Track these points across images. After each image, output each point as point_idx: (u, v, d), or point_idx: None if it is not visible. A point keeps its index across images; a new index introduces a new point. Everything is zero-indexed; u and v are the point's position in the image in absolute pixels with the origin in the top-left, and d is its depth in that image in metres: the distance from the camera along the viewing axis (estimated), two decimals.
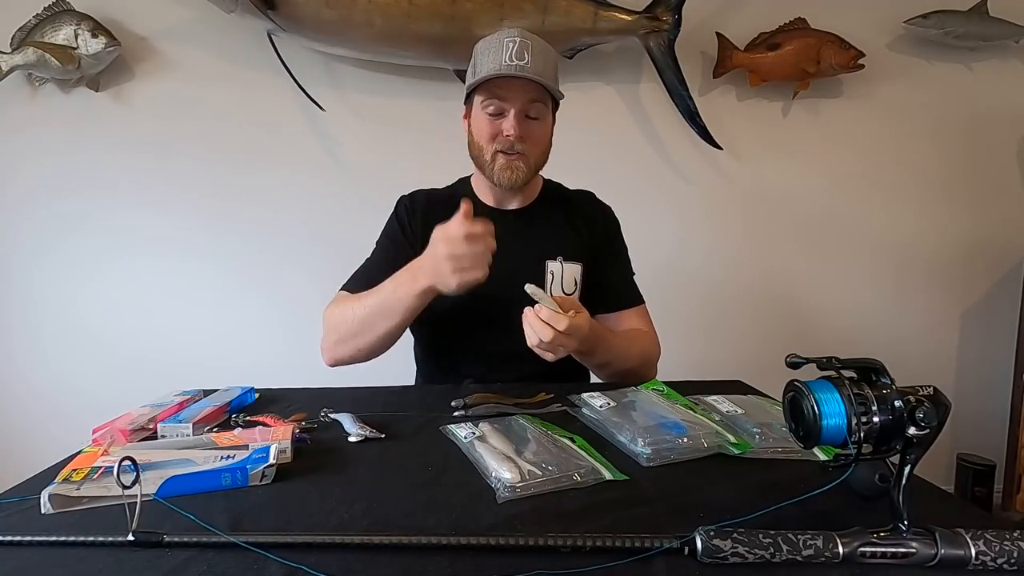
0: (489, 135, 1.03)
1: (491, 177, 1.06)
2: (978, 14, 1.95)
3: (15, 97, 1.82)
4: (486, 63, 1.00)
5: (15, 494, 0.60)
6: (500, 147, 1.02)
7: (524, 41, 0.98)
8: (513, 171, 1.03)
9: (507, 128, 1.01)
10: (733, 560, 0.45)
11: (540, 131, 1.05)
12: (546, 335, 0.83)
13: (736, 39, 1.91)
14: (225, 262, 1.92)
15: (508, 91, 1.00)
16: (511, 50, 0.97)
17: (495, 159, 1.03)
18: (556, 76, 1.04)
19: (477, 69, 1.02)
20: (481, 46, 1.03)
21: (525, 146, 1.03)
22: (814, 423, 0.47)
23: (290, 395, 0.94)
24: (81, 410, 1.19)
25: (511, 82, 0.99)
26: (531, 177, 1.07)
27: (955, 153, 2.07)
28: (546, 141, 1.08)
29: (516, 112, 1.00)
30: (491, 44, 1.01)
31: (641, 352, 1.07)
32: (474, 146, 1.07)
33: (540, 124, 1.04)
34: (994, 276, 2.13)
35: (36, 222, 1.88)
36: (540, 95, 1.01)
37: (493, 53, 0.99)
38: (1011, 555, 0.45)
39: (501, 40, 0.99)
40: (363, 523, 0.53)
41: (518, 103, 1.00)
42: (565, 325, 0.83)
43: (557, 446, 0.68)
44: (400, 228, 1.11)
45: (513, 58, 0.97)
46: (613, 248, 1.17)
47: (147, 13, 1.82)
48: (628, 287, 1.16)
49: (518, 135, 1.01)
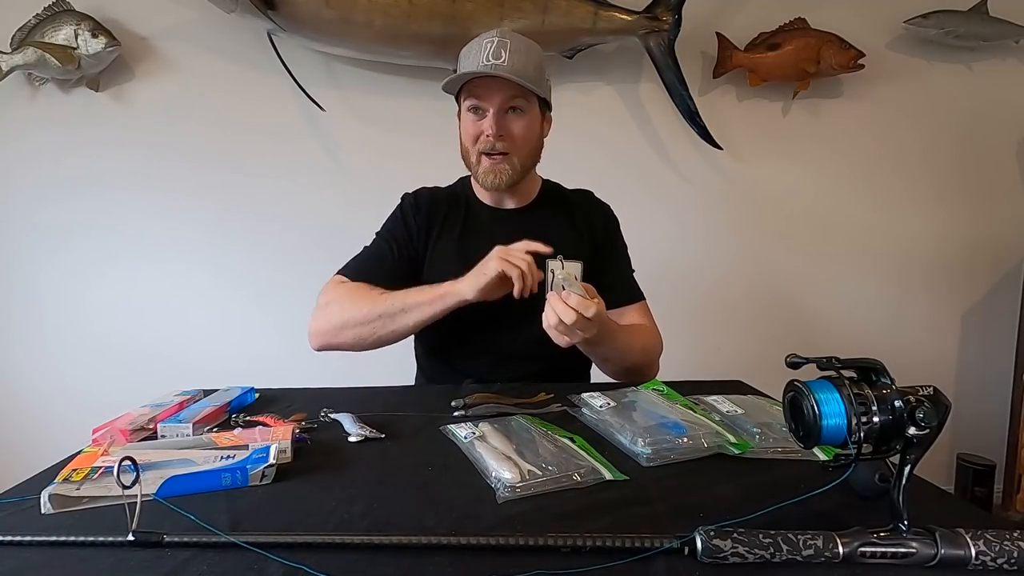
0: (472, 136, 1.04)
1: (477, 179, 1.08)
2: (978, 14, 1.95)
3: (15, 97, 1.82)
4: (465, 64, 1.02)
5: (15, 494, 0.60)
6: (482, 148, 1.04)
7: (502, 40, 0.99)
8: (496, 174, 1.04)
9: (486, 128, 1.02)
10: (733, 560, 0.45)
11: (522, 128, 1.04)
12: (569, 317, 0.83)
13: (736, 39, 1.91)
14: (225, 262, 1.92)
15: (485, 91, 1.01)
16: (488, 50, 0.99)
17: (480, 161, 1.05)
18: (539, 73, 1.04)
19: (458, 70, 1.04)
20: (463, 50, 1.05)
21: (507, 144, 1.03)
22: (814, 423, 0.47)
23: (290, 395, 0.94)
24: (81, 410, 1.19)
25: (488, 81, 1.00)
26: (518, 178, 1.07)
27: (955, 153, 2.07)
28: (532, 138, 1.07)
29: (495, 112, 1.01)
30: (471, 47, 1.02)
31: (644, 346, 1.08)
32: (463, 148, 1.09)
33: (522, 121, 1.04)
34: (994, 276, 2.13)
35: (36, 222, 1.88)
36: (518, 92, 1.02)
37: (472, 54, 1.01)
38: (1011, 555, 0.45)
39: (481, 41, 1.01)
40: (363, 523, 0.53)
41: (496, 102, 1.01)
42: (593, 312, 0.83)
43: (557, 446, 0.68)
44: (403, 223, 1.12)
45: (490, 58, 0.98)
46: (613, 246, 1.17)
47: (147, 13, 1.82)
48: (628, 283, 1.16)
49: (496, 133, 1.01)
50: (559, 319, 0.84)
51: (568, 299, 0.84)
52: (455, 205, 1.15)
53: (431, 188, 1.18)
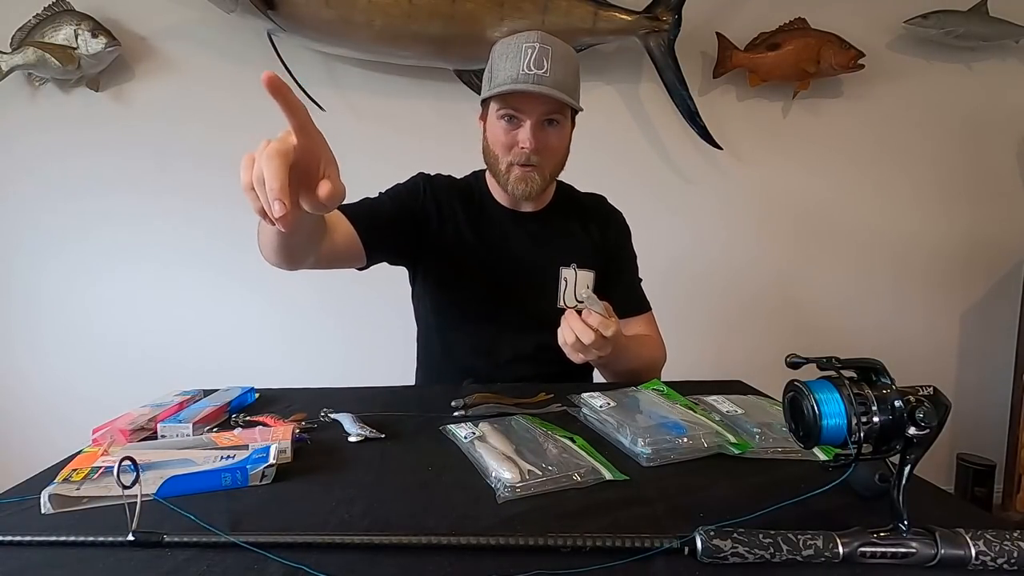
0: (504, 145, 1.00)
1: (504, 187, 1.04)
2: (978, 14, 1.95)
3: (15, 97, 1.82)
4: (504, 69, 0.96)
5: (15, 494, 0.60)
6: (516, 160, 1.00)
7: (544, 47, 0.94)
8: (528, 183, 1.01)
9: (523, 140, 0.98)
10: (733, 560, 0.45)
11: (557, 140, 1.02)
12: (588, 338, 0.82)
13: (736, 39, 1.91)
14: (224, 262, 1.92)
15: (525, 102, 0.97)
16: (530, 57, 0.93)
17: (510, 170, 1.01)
18: (577, 82, 1.00)
19: (494, 75, 0.99)
20: (499, 49, 0.99)
21: (540, 158, 1.00)
22: (814, 423, 0.47)
23: (290, 395, 0.94)
24: (81, 410, 1.19)
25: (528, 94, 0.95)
26: (546, 187, 1.05)
27: (955, 153, 2.07)
28: (563, 151, 1.05)
29: (532, 124, 0.97)
30: (509, 48, 0.97)
31: (650, 358, 1.08)
32: (489, 153, 1.04)
33: (557, 133, 1.01)
34: (994, 276, 2.13)
35: (36, 222, 1.88)
36: (558, 106, 0.98)
37: (511, 59, 0.95)
38: (1011, 555, 0.45)
39: (520, 45, 0.95)
40: (363, 523, 0.53)
41: (535, 115, 0.97)
42: (613, 331, 0.83)
43: (557, 446, 0.68)
44: (413, 195, 1.08)
45: (531, 66, 0.93)
46: (623, 255, 1.17)
47: (147, 13, 1.82)
48: (636, 294, 1.16)
49: (533, 148, 0.98)
50: (576, 338, 0.83)
51: (588, 318, 0.83)
52: (470, 197, 1.11)
53: (448, 176, 1.15)
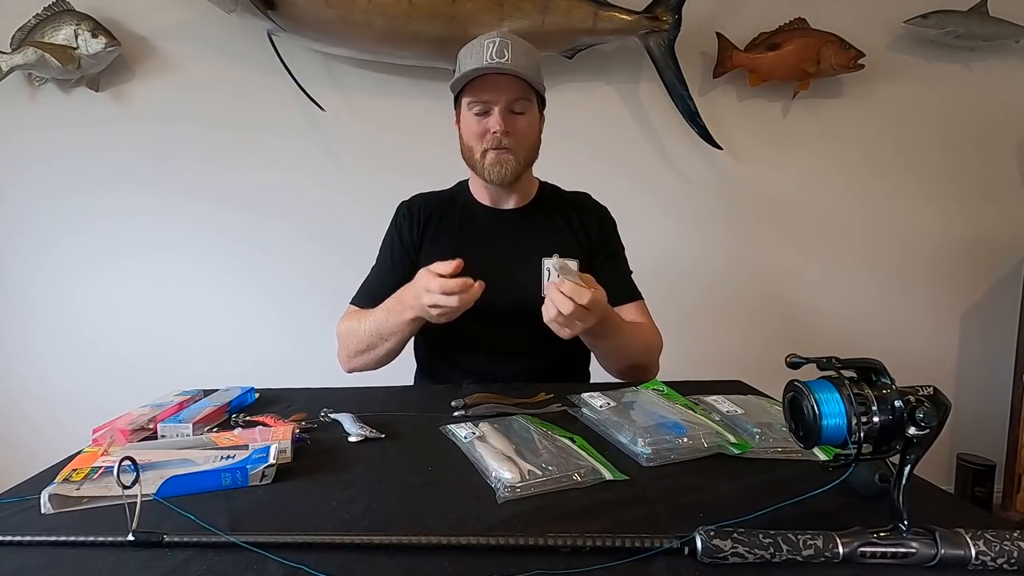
0: (477, 134, 1.05)
1: (482, 174, 1.08)
2: (978, 14, 1.95)
3: (15, 97, 1.82)
4: (468, 64, 1.02)
5: (15, 494, 0.60)
6: (488, 145, 1.05)
7: (504, 40, 1.01)
8: (502, 165, 1.05)
9: (493, 125, 1.03)
10: (733, 560, 0.45)
11: (526, 126, 1.07)
12: (566, 307, 0.83)
13: (736, 39, 1.91)
14: (225, 262, 1.92)
15: (491, 89, 1.02)
16: (491, 50, 1.00)
17: (484, 156, 1.06)
18: (538, 74, 1.07)
19: (460, 70, 1.05)
20: (463, 50, 1.06)
21: (512, 141, 1.05)
22: (814, 423, 0.47)
23: (290, 395, 0.94)
24: (81, 410, 1.19)
25: (494, 81, 1.01)
26: (521, 171, 1.08)
27: (955, 153, 2.07)
28: (533, 135, 1.10)
29: (501, 109, 1.03)
30: (472, 47, 1.04)
31: (646, 342, 1.09)
32: (465, 147, 1.09)
33: (525, 119, 1.06)
34: (994, 276, 2.12)
35: (35, 222, 1.87)
36: (523, 91, 1.04)
37: (475, 54, 1.02)
38: (1011, 555, 0.45)
39: (481, 42, 1.02)
40: (363, 523, 0.53)
41: (502, 100, 1.03)
42: (588, 299, 0.83)
43: (557, 446, 0.68)
44: (399, 238, 1.15)
45: (494, 56, 1.00)
46: (610, 247, 1.18)
47: (147, 13, 1.82)
48: (626, 283, 1.16)
49: (504, 130, 1.03)
50: (557, 310, 0.84)
51: (562, 287, 0.84)
52: (451, 206, 1.16)
53: (425, 193, 1.20)
